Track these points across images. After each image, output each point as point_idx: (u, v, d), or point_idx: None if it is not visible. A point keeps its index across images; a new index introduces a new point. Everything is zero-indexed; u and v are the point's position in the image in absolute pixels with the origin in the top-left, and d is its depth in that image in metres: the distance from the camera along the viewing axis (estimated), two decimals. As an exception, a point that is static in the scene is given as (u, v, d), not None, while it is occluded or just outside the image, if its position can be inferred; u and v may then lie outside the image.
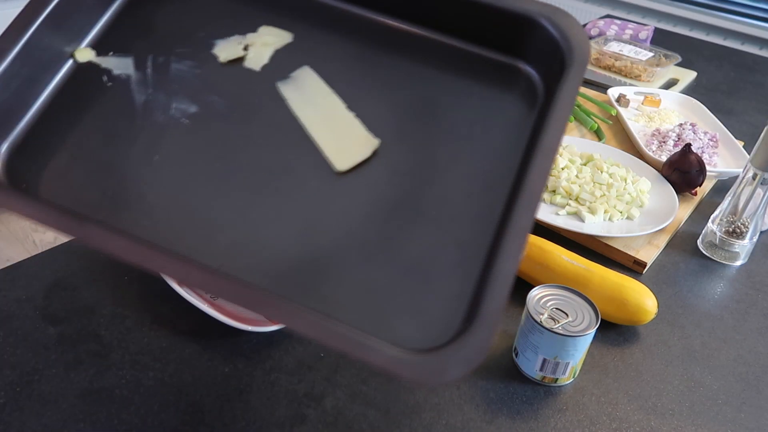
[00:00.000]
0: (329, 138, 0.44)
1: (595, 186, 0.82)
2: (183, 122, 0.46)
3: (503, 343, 0.62)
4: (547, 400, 0.57)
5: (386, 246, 0.40)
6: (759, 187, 0.72)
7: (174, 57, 0.49)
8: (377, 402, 0.55)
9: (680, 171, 0.84)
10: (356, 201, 0.42)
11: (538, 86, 0.46)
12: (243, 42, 0.50)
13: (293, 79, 0.48)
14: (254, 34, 0.50)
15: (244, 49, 0.49)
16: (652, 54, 1.32)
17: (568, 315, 0.57)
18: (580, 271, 0.66)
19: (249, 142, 0.45)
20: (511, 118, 0.44)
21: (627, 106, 1.11)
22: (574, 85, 0.41)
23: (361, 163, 0.43)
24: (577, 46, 0.42)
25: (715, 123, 1.06)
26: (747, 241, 0.76)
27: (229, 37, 0.50)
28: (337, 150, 0.44)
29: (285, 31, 0.50)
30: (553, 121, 0.40)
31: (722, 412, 0.57)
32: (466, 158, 0.43)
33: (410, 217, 0.41)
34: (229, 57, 0.49)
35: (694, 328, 0.67)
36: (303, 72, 0.48)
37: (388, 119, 0.45)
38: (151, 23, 0.51)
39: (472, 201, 0.41)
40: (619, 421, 0.56)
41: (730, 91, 1.32)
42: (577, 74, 0.41)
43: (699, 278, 0.74)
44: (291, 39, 0.50)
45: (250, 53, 0.49)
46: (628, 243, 0.75)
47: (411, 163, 0.43)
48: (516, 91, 0.46)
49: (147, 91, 0.47)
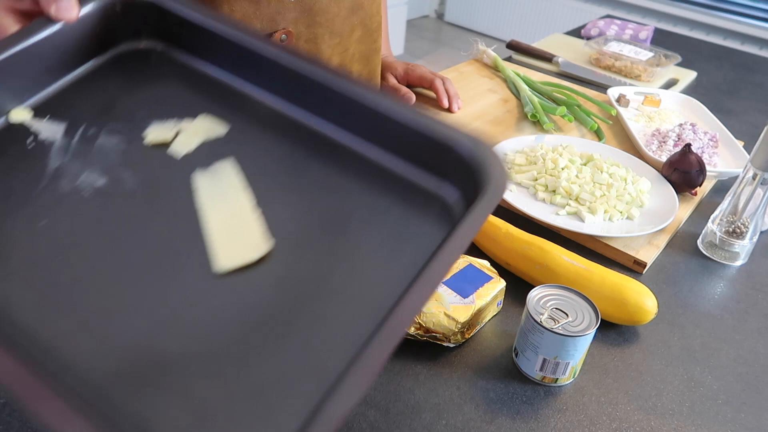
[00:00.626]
0: (222, 236, 0.42)
1: (595, 186, 0.82)
2: (85, 193, 0.45)
3: (503, 343, 0.62)
4: (547, 400, 0.57)
5: (241, 361, 0.36)
6: (759, 187, 0.72)
7: (105, 130, 0.49)
8: (377, 402, 0.55)
9: (680, 171, 0.84)
10: (227, 306, 0.39)
11: (456, 216, 0.44)
12: (176, 127, 0.50)
13: (212, 170, 0.47)
14: (191, 120, 0.50)
15: (175, 134, 0.49)
16: (652, 54, 1.32)
17: (568, 315, 0.57)
18: (580, 271, 0.66)
19: (141, 225, 0.43)
20: (422, 245, 0.42)
21: (627, 106, 1.11)
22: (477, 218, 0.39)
23: (248, 266, 0.41)
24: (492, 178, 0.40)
25: (715, 123, 1.06)
26: (747, 241, 0.76)
27: (167, 120, 0.50)
28: (225, 249, 0.42)
29: (222, 123, 0.50)
30: (442, 253, 0.36)
31: (722, 412, 0.57)
32: (361, 280, 0.40)
33: (279, 333, 0.37)
34: (156, 139, 0.49)
35: (694, 328, 0.67)
36: (224, 164, 0.47)
37: (296, 226, 0.43)
38: (99, 95, 0.51)
39: (349, 328, 0.38)
40: (619, 421, 0.56)
41: (730, 91, 1.32)
42: (484, 208, 0.39)
43: (699, 278, 0.74)
44: (225, 131, 0.50)
45: (179, 139, 0.49)
46: (628, 243, 0.75)
47: (301, 275, 0.41)
48: (434, 217, 0.44)
49: (63, 159, 0.46)
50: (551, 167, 0.85)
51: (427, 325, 0.59)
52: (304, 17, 0.83)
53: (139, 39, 0.54)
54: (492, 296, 0.63)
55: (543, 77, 1.25)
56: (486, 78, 1.23)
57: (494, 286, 0.63)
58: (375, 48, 1.00)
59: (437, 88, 1.05)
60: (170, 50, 0.54)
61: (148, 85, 0.53)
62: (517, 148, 0.92)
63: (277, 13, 0.80)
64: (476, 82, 1.20)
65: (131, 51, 0.54)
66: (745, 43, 2.99)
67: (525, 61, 1.37)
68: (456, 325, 0.59)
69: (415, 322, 0.59)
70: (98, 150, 0.47)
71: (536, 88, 1.15)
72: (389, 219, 0.44)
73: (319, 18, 0.85)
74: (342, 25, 0.89)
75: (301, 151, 0.48)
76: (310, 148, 0.48)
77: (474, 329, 0.62)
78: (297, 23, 0.83)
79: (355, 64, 0.98)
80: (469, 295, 0.61)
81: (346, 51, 0.93)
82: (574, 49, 1.43)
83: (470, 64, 1.29)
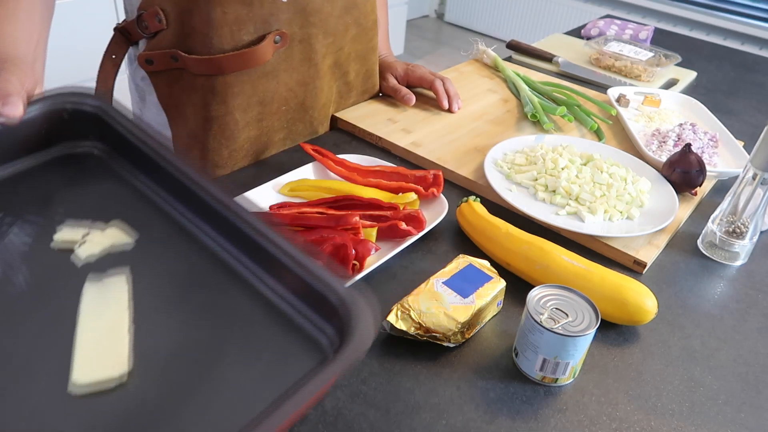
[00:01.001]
0: (87, 351, 0.42)
1: (595, 186, 0.82)
2: None
3: (503, 343, 0.62)
4: (547, 400, 0.57)
5: None
6: (759, 187, 0.72)
7: (20, 222, 0.50)
8: (377, 402, 0.55)
9: (680, 171, 0.84)
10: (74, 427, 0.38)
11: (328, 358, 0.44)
12: (86, 232, 0.51)
13: (103, 281, 0.48)
14: (102, 225, 0.51)
15: (82, 238, 0.50)
16: (652, 54, 1.32)
17: (568, 315, 0.57)
18: (580, 271, 0.66)
19: (16, 326, 0.43)
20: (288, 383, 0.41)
21: (627, 106, 1.11)
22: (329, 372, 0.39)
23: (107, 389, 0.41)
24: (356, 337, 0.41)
25: (715, 123, 1.06)
26: (747, 241, 0.76)
27: (80, 221, 0.51)
28: (84, 365, 0.41)
29: (129, 234, 0.52)
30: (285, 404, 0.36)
31: (722, 412, 0.57)
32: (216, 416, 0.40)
33: None
34: (64, 240, 0.50)
35: (694, 328, 0.67)
36: (117, 277, 0.48)
37: (168, 351, 0.44)
38: (28, 189, 0.54)
39: None
40: (619, 421, 0.56)
41: (730, 91, 1.32)
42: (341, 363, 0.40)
43: (699, 278, 0.74)
44: (131, 242, 0.51)
45: (84, 243, 0.50)
46: (628, 243, 0.75)
47: (157, 402, 0.40)
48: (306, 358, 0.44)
49: None
50: (551, 167, 0.85)
51: (427, 325, 0.59)
52: (298, 18, 0.83)
53: (80, 141, 0.58)
54: (492, 296, 0.63)
55: (543, 77, 1.25)
56: (486, 78, 1.23)
57: (494, 286, 0.63)
58: (371, 47, 1.00)
59: (437, 89, 1.05)
60: (106, 155, 0.57)
61: (77, 185, 0.55)
62: (517, 148, 0.92)
63: (270, 14, 0.80)
64: (476, 82, 1.20)
65: (71, 151, 0.57)
66: (745, 43, 2.99)
67: (525, 61, 1.37)
68: (456, 325, 0.59)
69: (416, 322, 0.59)
70: (6, 243, 0.49)
71: (536, 88, 1.15)
72: (264, 354, 0.44)
73: (312, 18, 0.85)
74: (336, 24, 0.89)
75: (199, 270, 0.49)
76: (207, 269, 0.50)
77: (474, 329, 0.62)
78: (290, 24, 0.83)
79: (351, 63, 0.98)
80: (469, 295, 0.61)
81: (341, 50, 0.93)
82: (574, 49, 1.43)
83: (470, 64, 1.29)
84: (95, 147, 0.58)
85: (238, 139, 0.86)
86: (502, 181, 0.85)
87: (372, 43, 0.99)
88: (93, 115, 0.56)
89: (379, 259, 0.68)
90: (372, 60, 1.02)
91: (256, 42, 0.81)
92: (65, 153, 0.57)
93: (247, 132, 0.87)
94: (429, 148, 0.93)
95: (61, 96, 0.56)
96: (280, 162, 0.89)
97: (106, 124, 0.56)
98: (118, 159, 0.57)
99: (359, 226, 0.69)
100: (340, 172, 0.83)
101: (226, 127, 0.84)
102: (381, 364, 0.59)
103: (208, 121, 0.84)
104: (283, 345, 0.45)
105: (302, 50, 0.86)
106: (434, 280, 0.63)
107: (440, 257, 0.73)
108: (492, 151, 0.89)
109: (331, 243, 0.65)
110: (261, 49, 0.81)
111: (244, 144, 0.87)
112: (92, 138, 0.58)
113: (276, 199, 0.79)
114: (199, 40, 0.79)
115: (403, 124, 1.00)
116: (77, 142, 0.58)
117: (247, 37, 0.80)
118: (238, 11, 0.78)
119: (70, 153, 0.57)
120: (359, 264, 0.65)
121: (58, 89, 0.57)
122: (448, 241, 0.76)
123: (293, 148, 0.93)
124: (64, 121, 0.56)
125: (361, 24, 0.94)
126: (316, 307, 0.45)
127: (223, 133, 0.85)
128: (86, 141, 0.58)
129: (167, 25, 0.78)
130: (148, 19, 0.78)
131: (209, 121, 0.84)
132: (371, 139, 0.97)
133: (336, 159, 0.84)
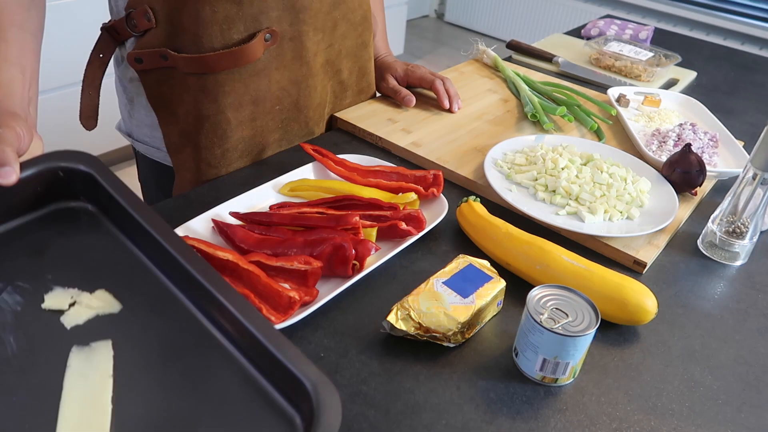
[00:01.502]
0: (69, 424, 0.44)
1: (595, 186, 0.82)
2: None
3: (503, 343, 0.62)
4: (547, 400, 0.57)
5: None
6: (759, 187, 0.72)
7: (10, 288, 0.52)
8: (377, 402, 0.55)
9: (680, 171, 0.84)
10: None
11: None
12: (74, 297, 0.53)
13: (89, 349, 0.49)
14: (89, 294, 0.53)
15: (70, 304, 0.52)
16: (652, 54, 1.32)
17: (568, 315, 0.57)
18: (580, 271, 0.66)
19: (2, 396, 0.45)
20: None
21: (627, 106, 1.11)
22: None
23: None
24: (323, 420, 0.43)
25: (715, 123, 1.06)
26: (747, 241, 0.76)
27: (68, 288, 0.53)
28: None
29: (116, 301, 0.53)
30: None
31: (722, 412, 0.57)
32: None
33: None
34: (51, 307, 0.52)
35: (694, 328, 0.67)
36: (101, 346, 0.50)
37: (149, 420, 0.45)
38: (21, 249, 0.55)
39: None
40: (619, 421, 0.56)
41: (730, 91, 1.32)
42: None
43: (699, 278, 0.74)
44: (117, 309, 0.53)
45: (71, 310, 0.52)
46: (628, 243, 0.75)
47: None
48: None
49: None
50: (551, 167, 0.85)
51: (427, 325, 0.59)
52: (287, 15, 0.83)
53: (73, 200, 0.60)
54: (492, 296, 0.63)
55: (543, 77, 1.25)
56: (486, 78, 1.23)
57: (494, 286, 0.63)
58: (362, 42, 0.99)
59: (437, 89, 1.05)
60: (98, 214, 0.60)
61: (69, 243, 0.57)
62: (517, 148, 0.92)
63: (260, 12, 0.80)
64: (476, 82, 1.20)
65: (64, 209, 0.60)
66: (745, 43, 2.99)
67: (525, 61, 1.37)
68: (456, 325, 0.59)
69: (416, 322, 0.59)
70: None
71: (536, 88, 1.15)
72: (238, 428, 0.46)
73: (302, 15, 0.85)
74: (324, 20, 0.89)
75: (183, 341, 0.51)
76: (191, 339, 0.51)
77: (474, 329, 0.62)
78: (281, 21, 0.83)
79: (343, 60, 0.97)
80: (469, 295, 0.62)
81: (332, 47, 0.93)
82: (574, 49, 1.43)
83: (470, 64, 1.29)
84: (86, 203, 0.60)
85: (231, 138, 0.86)
86: (502, 181, 0.85)
87: (362, 39, 0.99)
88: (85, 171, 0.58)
89: (379, 259, 0.68)
90: (364, 57, 1.02)
91: (246, 40, 0.80)
92: (59, 208, 0.59)
93: (241, 132, 0.86)
94: (429, 148, 0.93)
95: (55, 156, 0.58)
96: (280, 162, 0.89)
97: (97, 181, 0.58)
98: (108, 218, 0.59)
99: (359, 226, 0.69)
100: (340, 172, 0.83)
101: (218, 126, 0.84)
102: (381, 364, 0.59)
103: (199, 120, 0.83)
104: (258, 417, 0.47)
105: (293, 48, 0.86)
106: (434, 280, 0.63)
107: (440, 257, 0.73)
108: (492, 151, 0.89)
109: (331, 243, 0.65)
110: (251, 47, 0.80)
111: (238, 144, 0.87)
112: (83, 194, 0.60)
113: (276, 199, 0.79)
114: (188, 39, 0.78)
115: (403, 124, 1.00)
116: (70, 201, 0.60)
117: (237, 35, 0.80)
118: (227, 9, 0.78)
119: (64, 208, 0.60)
120: (359, 264, 0.65)
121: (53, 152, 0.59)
122: (448, 241, 0.76)
123: (293, 148, 0.93)
124: (59, 179, 0.58)
125: (350, 19, 0.94)
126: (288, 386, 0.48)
127: (215, 132, 0.84)
128: (78, 200, 0.60)
129: (156, 23, 0.78)
130: (136, 17, 0.78)
131: (201, 120, 0.83)
132: (371, 139, 0.97)
133: (336, 159, 0.84)
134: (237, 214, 0.73)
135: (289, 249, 0.67)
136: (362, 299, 0.66)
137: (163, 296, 0.54)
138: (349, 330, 0.62)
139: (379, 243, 0.70)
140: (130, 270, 0.56)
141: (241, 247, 0.68)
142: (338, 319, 0.63)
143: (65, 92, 2.08)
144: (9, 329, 0.49)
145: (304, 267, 0.63)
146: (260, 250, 0.67)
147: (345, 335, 0.61)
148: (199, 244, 0.64)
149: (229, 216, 0.73)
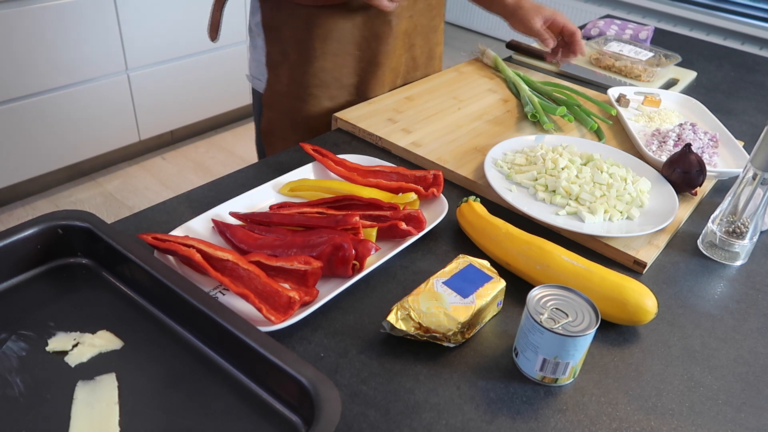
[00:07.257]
0: None
1: (595, 186, 0.82)
2: None
3: (503, 343, 0.62)
4: (547, 400, 0.57)
5: None
6: (759, 187, 0.72)
7: (14, 336, 0.56)
8: (377, 402, 0.55)
9: (680, 171, 0.84)
10: None
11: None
12: (77, 339, 0.56)
13: (94, 383, 0.53)
14: (91, 334, 0.57)
15: (73, 345, 0.55)
16: (652, 54, 1.32)
17: (568, 315, 0.57)
18: (580, 271, 0.66)
19: (12, 428, 0.48)
20: None
21: (627, 106, 1.11)
22: None
23: None
24: (323, 415, 0.46)
25: (715, 123, 1.06)
26: (747, 241, 0.76)
27: (70, 332, 0.57)
28: None
29: (117, 339, 0.57)
30: None
31: (722, 412, 0.57)
32: None
33: None
34: (55, 349, 0.55)
35: (694, 328, 0.67)
36: (106, 378, 0.53)
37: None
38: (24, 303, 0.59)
39: None
40: (619, 421, 0.56)
41: (730, 91, 1.32)
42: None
43: (699, 278, 0.74)
44: (119, 346, 0.56)
45: (75, 350, 0.55)
46: (628, 243, 0.75)
47: None
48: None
49: None
50: (551, 167, 0.85)
51: (427, 325, 0.59)
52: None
53: (72, 256, 0.65)
54: (492, 296, 0.63)
55: (543, 77, 1.25)
56: (486, 78, 1.23)
57: (494, 286, 0.63)
58: (433, 25, 1.11)
59: (577, 41, 1.16)
60: (96, 267, 0.64)
61: (69, 297, 0.61)
62: (517, 148, 0.92)
63: None
64: (476, 82, 1.20)
65: (63, 265, 0.64)
66: (745, 43, 2.99)
67: (525, 61, 1.37)
68: (456, 325, 0.59)
69: (416, 322, 0.59)
70: (3, 352, 0.54)
71: (536, 88, 1.15)
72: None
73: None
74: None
75: (183, 367, 0.55)
76: (191, 365, 0.55)
77: (474, 329, 0.62)
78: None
79: (417, 37, 1.10)
80: (469, 295, 0.61)
81: (411, 18, 1.06)
82: (574, 49, 1.42)
83: (470, 64, 1.29)
84: (85, 258, 0.65)
85: (314, 65, 1.01)
86: (502, 181, 0.85)
87: (434, 22, 1.11)
88: (83, 227, 0.63)
89: (379, 259, 0.68)
90: (434, 40, 1.13)
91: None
92: (60, 264, 0.64)
93: (323, 61, 1.01)
94: (429, 148, 0.93)
95: (55, 216, 0.63)
96: (280, 162, 0.89)
97: (95, 235, 0.62)
98: (106, 270, 0.64)
99: (359, 226, 0.69)
100: (340, 172, 0.83)
101: (307, 51, 1.00)
102: (381, 364, 0.59)
103: (294, 43, 1.01)
104: (261, 429, 0.50)
105: None
106: (434, 280, 0.63)
107: (440, 257, 0.73)
108: (492, 151, 0.89)
109: (331, 243, 0.65)
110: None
111: (318, 72, 1.01)
112: (82, 249, 0.64)
113: (276, 199, 0.79)
114: None
115: (403, 124, 1.00)
116: (69, 257, 0.64)
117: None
118: None
119: (64, 264, 0.64)
120: (359, 264, 0.65)
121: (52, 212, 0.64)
122: (448, 241, 0.76)
123: (293, 148, 0.93)
124: (58, 236, 0.63)
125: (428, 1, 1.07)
126: (288, 391, 0.50)
127: (306, 55, 1.01)
128: (77, 255, 0.65)
129: None
130: None
131: (296, 43, 1.00)
132: (371, 139, 0.97)
133: (336, 159, 0.84)
134: (237, 214, 0.73)
135: (289, 249, 0.67)
136: (362, 299, 0.66)
137: (162, 330, 0.58)
138: (349, 330, 0.62)
139: (379, 243, 0.70)
140: (130, 312, 0.60)
141: (241, 247, 0.68)
142: (338, 319, 0.63)
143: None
144: (15, 372, 0.53)
145: (304, 267, 0.63)
146: (260, 250, 0.67)
147: (345, 335, 0.61)
148: (199, 245, 0.64)
149: (229, 216, 0.73)
